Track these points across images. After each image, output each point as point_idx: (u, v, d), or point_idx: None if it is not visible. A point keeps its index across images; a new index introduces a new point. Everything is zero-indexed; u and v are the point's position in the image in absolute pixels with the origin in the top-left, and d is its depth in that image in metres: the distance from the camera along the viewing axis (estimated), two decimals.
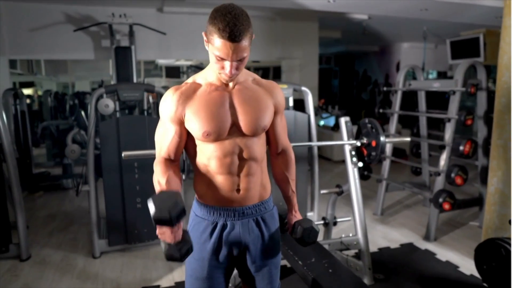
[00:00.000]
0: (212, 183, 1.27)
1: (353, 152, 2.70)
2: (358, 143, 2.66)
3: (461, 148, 3.24)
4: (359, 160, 2.71)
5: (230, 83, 1.25)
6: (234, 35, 1.07)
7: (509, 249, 2.12)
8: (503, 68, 2.68)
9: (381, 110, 4.17)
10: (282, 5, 5.30)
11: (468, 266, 2.85)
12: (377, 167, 4.27)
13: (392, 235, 3.50)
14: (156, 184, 1.23)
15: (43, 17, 5.29)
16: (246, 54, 1.14)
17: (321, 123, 7.42)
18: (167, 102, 1.24)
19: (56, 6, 5.30)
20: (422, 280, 2.72)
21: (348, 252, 2.76)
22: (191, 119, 1.22)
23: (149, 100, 3.93)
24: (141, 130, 3.03)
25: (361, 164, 2.71)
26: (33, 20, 5.25)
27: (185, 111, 1.22)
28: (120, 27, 5.34)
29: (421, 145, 4.20)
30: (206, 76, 1.26)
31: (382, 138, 2.52)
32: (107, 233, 3.11)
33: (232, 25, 1.07)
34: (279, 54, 6.80)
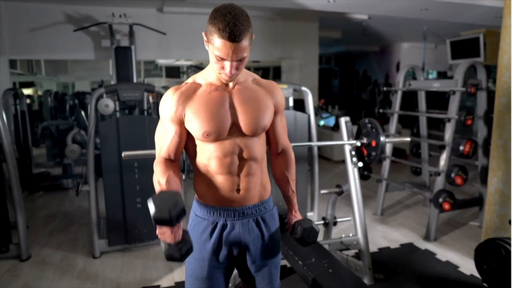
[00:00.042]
0: (212, 183, 1.27)
1: (353, 152, 2.70)
2: (358, 143, 2.66)
3: (461, 148, 3.25)
4: (359, 160, 2.71)
5: (230, 83, 1.25)
6: (234, 35, 1.07)
7: (509, 249, 2.12)
8: (503, 68, 2.68)
9: (381, 110, 4.17)
10: (282, 5, 5.30)
11: (468, 266, 2.85)
12: (377, 167, 4.27)
13: (392, 235, 3.50)
14: (156, 184, 1.23)
15: (43, 17, 5.29)
16: (246, 54, 1.14)
17: (321, 123, 7.42)
18: (167, 102, 1.24)
19: (56, 6, 5.30)
20: (422, 280, 2.72)
21: (348, 252, 2.76)
22: (191, 119, 1.22)
23: (149, 100, 3.93)
24: (141, 130, 3.03)
25: (361, 164, 2.71)
26: (33, 20, 5.26)
27: (185, 111, 1.22)
28: (120, 27, 5.34)
29: (421, 145, 4.20)
30: (206, 76, 1.26)
31: (382, 138, 2.52)
32: (107, 233, 3.11)
33: (232, 25, 1.07)
34: (279, 54, 6.81)
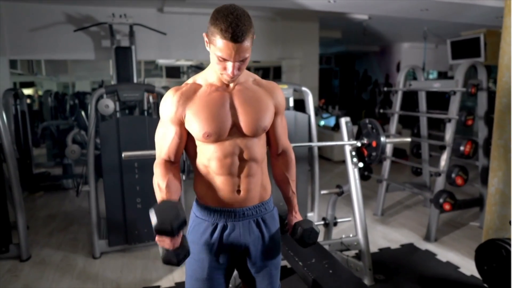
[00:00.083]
0: (212, 184, 1.27)
1: (353, 153, 2.70)
2: (359, 144, 2.65)
3: (462, 148, 3.24)
4: (360, 160, 2.71)
5: (231, 84, 1.25)
6: (236, 35, 1.07)
7: (509, 250, 2.12)
8: (504, 68, 2.68)
9: (381, 110, 4.16)
10: (282, 5, 5.30)
11: (469, 267, 2.84)
12: (378, 167, 4.26)
13: (393, 236, 3.50)
14: (156, 187, 1.24)
15: (44, 17, 5.29)
16: (248, 54, 1.14)
17: (321, 123, 7.42)
18: (167, 103, 1.24)
19: (56, 7, 5.30)
20: (423, 281, 2.72)
21: (348, 252, 2.76)
22: (192, 120, 1.21)
23: (149, 100, 3.93)
24: (141, 131, 3.02)
25: (362, 165, 2.71)
26: (33, 20, 5.26)
27: (185, 112, 1.22)
28: (121, 27, 5.34)
29: (421, 146, 4.20)
30: (206, 77, 1.26)
31: (382, 139, 2.52)
32: (107, 234, 3.11)
33: (235, 25, 1.06)
34: (279, 54, 6.80)
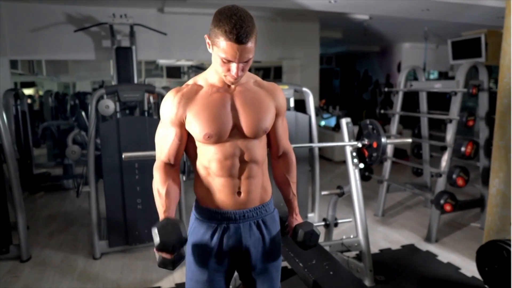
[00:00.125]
0: (213, 186, 1.26)
1: (354, 153, 2.69)
2: (359, 144, 2.65)
3: (463, 149, 3.23)
4: (360, 161, 2.70)
5: (232, 85, 1.24)
6: (241, 37, 1.07)
7: (510, 251, 2.11)
8: (505, 69, 2.67)
9: (382, 111, 4.16)
10: (283, 5, 5.30)
11: (470, 268, 2.84)
12: (378, 168, 4.25)
13: (393, 236, 3.49)
14: (156, 193, 1.25)
15: (44, 17, 5.30)
16: (251, 55, 1.13)
17: (322, 123, 7.42)
18: (168, 104, 1.23)
19: (57, 7, 5.31)
20: (423, 282, 2.71)
21: (349, 253, 2.76)
22: (192, 121, 1.21)
23: (149, 101, 3.93)
24: (142, 131, 3.02)
25: (362, 165, 2.70)
26: (34, 20, 5.26)
27: (186, 113, 1.22)
28: (121, 28, 5.34)
29: (422, 146, 4.19)
30: (207, 78, 1.25)
31: (383, 139, 2.51)
32: (108, 234, 3.11)
33: (239, 27, 1.06)
34: (280, 54, 6.80)
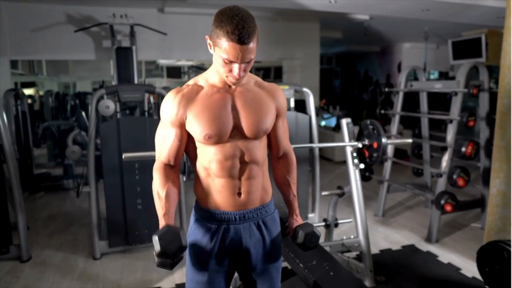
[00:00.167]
0: (213, 187, 1.26)
1: (354, 154, 2.69)
2: (360, 145, 2.65)
3: (463, 149, 3.23)
4: (361, 161, 2.70)
5: (233, 85, 1.24)
6: (243, 37, 1.07)
7: (511, 252, 2.11)
8: (506, 69, 2.66)
9: (382, 111, 4.15)
10: (283, 5, 5.29)
11: (470, 268, 2.83)
12: (379, 168, 4.25)
13: (394, 237, 3.49)
14: (155, 195, 1.25)
15: (44, 17, 5.29)
16: (253, 56, 1.13)
17: (322, 123, 7.42)
18: (168, 105, 1.23)
19: (57, 7, 5.30)
20: (424, 282, 2.71)
21: (349, 254, 2.75)
22: (193, 121, 1.21)
23: (150, 101, 3.93)
24: (142, 131, 3.02)
25: (363, 166, 2.70)
26: (34, 20, 5.25)
27: (186, 114, 1.21)
28: (121, 28, 5.34)
29: (422, 146, 4.19)
30: (207, 78, 1.25)
31: (383, 140, 2.51)
32: (108, 234, 3.11)
33: (241, 27, 1.06)
34: (280, 54, 6.80)
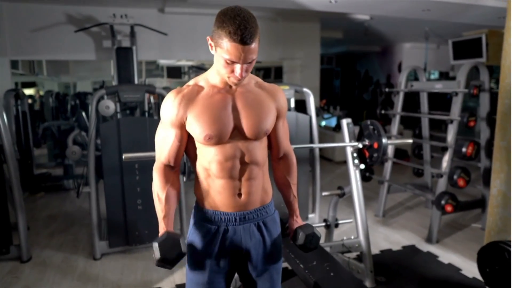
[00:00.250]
0: (213, 188, 1.26)
1: (355, 154, 2.69)
2: (360, 145, 2.64)
3: (464, 149, 3.23)
4: (361, 162, 2.70)
5: (234, 86, 1.24)
6: (245, 37, 1.06)
7: (511, 252, 2.10)
8: (506, 70, 2.66)
9: (383, 111, 4.15)
10: (283, 5, 5.29)
11: (471, 269, 2.83)
12: (379, 169, 4.25)
13: (394, 237, 3.48)
14: (155, 197, 1.26)
15: (45, 17, 5.29)
16: (255, 56, 1.13)
17: (322, 123, 7.41)
18: (168, 105, 1.23)
19: (57, 7, 5.30)
20: (424, 283, 2.70)
21: (349, 254, 2.75)
22: (193, 122, 1.21)
23: (150, 101, 3.93)
24: (142, 132, 3.02)
25: (363, 166, 2.70)
26: (34, 21, 5.25)
27: (186, 115, 1.21)
28: (121, 28, 5.34)
29: (423, 147, 4.18)
30: (208, 79, 1.25)
31: (384, 140, 2.51)
32: (108, 235, 3.11)
33: (243, 28, 1.06)
34: (280, 54, 6.80)
